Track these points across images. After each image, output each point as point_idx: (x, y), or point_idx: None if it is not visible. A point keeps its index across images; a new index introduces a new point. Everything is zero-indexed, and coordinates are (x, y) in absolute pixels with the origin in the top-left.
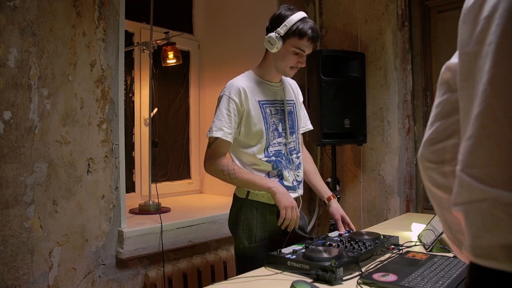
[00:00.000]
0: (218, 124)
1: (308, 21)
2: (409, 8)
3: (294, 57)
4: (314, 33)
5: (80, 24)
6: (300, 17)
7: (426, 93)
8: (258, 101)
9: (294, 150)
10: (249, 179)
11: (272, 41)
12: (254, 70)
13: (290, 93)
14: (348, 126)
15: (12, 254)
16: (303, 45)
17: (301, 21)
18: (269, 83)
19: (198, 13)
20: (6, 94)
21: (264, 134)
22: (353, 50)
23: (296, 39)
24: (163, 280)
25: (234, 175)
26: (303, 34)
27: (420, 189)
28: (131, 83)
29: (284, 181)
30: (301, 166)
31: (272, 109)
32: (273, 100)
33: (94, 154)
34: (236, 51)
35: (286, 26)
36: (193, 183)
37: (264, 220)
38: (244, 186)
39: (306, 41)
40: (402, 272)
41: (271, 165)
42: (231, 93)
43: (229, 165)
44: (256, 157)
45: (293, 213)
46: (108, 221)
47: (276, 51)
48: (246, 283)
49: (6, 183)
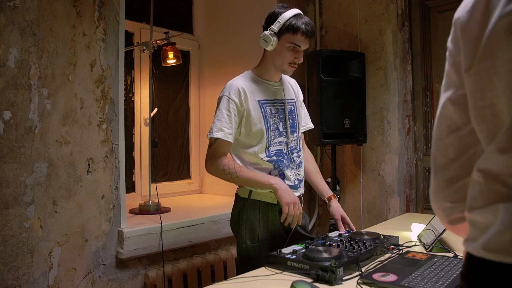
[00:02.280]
0: (219, 125)
1: (303, 17)
2: (409, 8)
3: (290, 53)
4: (308, 27)
5: (80, 24)
6: (293, 13)
7: (426, 93)
8: (258, 100)
9: (295, 149)
10: (251, 177)
11: (267, 39)
12: (254, 70)
13: (290, 92)
14: (348, 126)
15: (12, 254)
16: (298, 40)
17: (294, 17)
18: (268, 82)
19: (198, 13)
20: (6, 94)
21: (265, 133)
22: (353, 50)
23: (290, 34)
24: (163, 280)
25: (236, 173)
26: (296, 28)
27: (420, 189)
28: (131, 83)
29: (286, 180)
30: (301, 165)
31: (272, 108)
32: (273, 100)
33: (94, 154)
34: (236, 51)
35: (280, 22)
36: (193, 183)
37: (267, 219)
38: (245, 184)
39: (300, 35)
40: (402, 272)
41: (273, 165)
42: (230, 94)
43: (230, 164)
44: (257, 156)
45: (296, 209)
46: (108, 221)
47: (271, 48)
48: (246, 283)
49: (6, 183)
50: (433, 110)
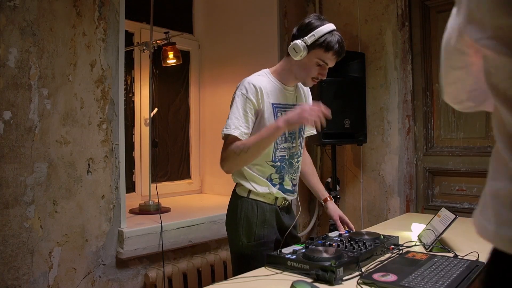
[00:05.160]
0: (236, 123)
1: (336, 34)
2: (409, 8)
3: (316, 68)
4: (340, 47)
5: (80, 24)
6: (329, 29)
7: (426, 93)
8: (272, 103)
9: (296, 154)
10: (259, 139)
11: (297, 49)
12: (271, 70)
13: (302, 97)
14: (348, 126)
15: (12, 254)
16: (327, 58)
17: (329, 33)
18: (284, 86)
19: (198, 13)
20: (6, 94)
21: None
22: (353, 50)
23: (322, 51)
24: (163, 280)
25: (246, 146)
26: (330, 47)
27: (420, 189)
28: (131, 83)
29: (285, 185)
30: (299, 170)
31: (283, 113)
32: (285, 104)
33: (94, 154)
34: (236, 51)
35: (314, 36)
36: (193, 183)
37: (264, 219)
38: (259, 149)
39: (331, 54)
40: (402, 272)
41: (275, 170)
42: (248, 92)
43: (237, 144)
44: (263, 159)
45: (307, 111)
46: (108, 221)
47: (299, 59)
48: (246, 283)
49: (6, 183)
50: (433, 110)
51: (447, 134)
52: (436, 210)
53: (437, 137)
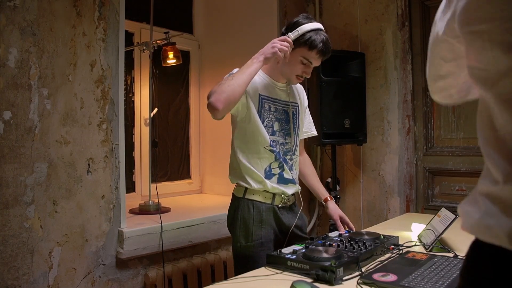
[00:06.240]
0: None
1: (322, 34)
2: (409, 8)
3: (300, 66)
4: (324, 47)
5: (80, 24)
6: (314, 27)
7: (426, 93)
8: (259, 94)
9: (289, 151)
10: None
11: None
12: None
13: (295, 95)
14: (348, 126)
15: (12, 254)
16: (311, 57)
17: (314, 31)
18: (274, 82)
19: (198, 13)
20: (6, 94)
21: (260, 126)
22: (353, 50)
23: (306, 49)
24: (163, 280)
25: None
26: (313, 46)
27: (420, 189)
28: (131, 83)
29: (285, 174)
30: (293, 168)
31: (271, 106)
32: (274, 98)
33: (94, 154)
34: (236, 51)
35: (298, 32)
36: (193, 183)
37: (261, 219)
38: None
39: (315, 53)
40: (402, 272)
41: (275, 156)
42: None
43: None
44: (260, 146)
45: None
46: (108, 221)
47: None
48: (246, 283)
49: (6, 183)
50: (433, 110)
51: (447, 134)
52: (436, 210)
53: (437, 137)
